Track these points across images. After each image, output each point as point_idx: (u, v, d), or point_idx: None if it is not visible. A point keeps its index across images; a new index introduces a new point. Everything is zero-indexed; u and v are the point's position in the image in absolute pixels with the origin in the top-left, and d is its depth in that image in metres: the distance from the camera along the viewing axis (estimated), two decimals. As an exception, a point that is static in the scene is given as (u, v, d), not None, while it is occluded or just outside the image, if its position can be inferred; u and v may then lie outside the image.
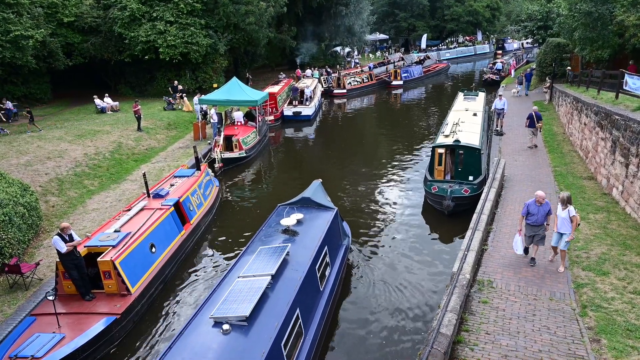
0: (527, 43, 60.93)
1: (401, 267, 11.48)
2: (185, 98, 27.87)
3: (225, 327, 6.63)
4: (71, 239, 9.25)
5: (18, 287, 10.20)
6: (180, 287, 11.02)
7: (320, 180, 12.31)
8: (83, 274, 9.31)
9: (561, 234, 9.18)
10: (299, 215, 10.13)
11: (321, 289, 8.94)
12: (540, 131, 19.60)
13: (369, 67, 45.66)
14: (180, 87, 29.58)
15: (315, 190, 11.45)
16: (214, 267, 11.86)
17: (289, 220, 9.73)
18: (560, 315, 8.05)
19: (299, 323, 7.58)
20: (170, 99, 28.13)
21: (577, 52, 25.42)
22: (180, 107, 27.69)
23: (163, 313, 10.03)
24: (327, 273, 9.43)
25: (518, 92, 31.17)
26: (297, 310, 7.60)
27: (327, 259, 9.57)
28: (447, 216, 13.88)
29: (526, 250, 9.84)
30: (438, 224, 13.90)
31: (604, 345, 7.28)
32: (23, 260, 11.11)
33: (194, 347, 6.45)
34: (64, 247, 9.02)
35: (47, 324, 8.53)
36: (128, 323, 9.20)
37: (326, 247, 9.59)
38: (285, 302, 7.41)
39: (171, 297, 10.59)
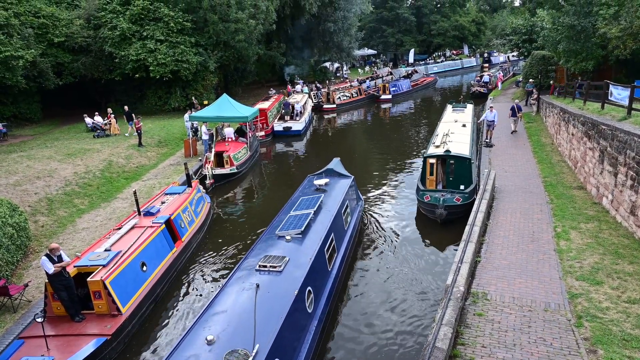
0: (513, 56, 61.98)
1: (395, 276, 11.42)
2: (114, 120, 24.73)
3: (288, 237, 9.75)
4: (60, 259, 9.09)
5: (6, 310, 9.98)
6: (172, 305, 10.85)
7: (339, 158, 16.08)
8: (72, 294, 9.13)
9: None
10: (326, 180, 13.38)
11: (345, 229, 12.08)
12: (521, 120, 24.34)
13: (357, 82, 46.01)
14: (126, 109, 25.51)
15: (336, 164, 15.26)
16: (206, 283, 11.71)
17: (320, 182, 13.17)
18: (556, 326, 8.03)
19: (333, 243, 10.67)
20: (102, 124, 24.68)
21: (562, 64, 25.89)
22: (109, 133, 24.40)
23: (155, 333, 9.84)
24: (349, 220, 12.61)
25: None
26: (332, 234, 10.68)
27: (348, 210, 12.80)
28: (441, 224, 13.99)
29: None
30: (431, 233, 13.96)
31: (600, 356, 7.24)
32: (11, 282, 10.87)
33: (267, 249, 9.39)
34: (51, 268, 8.87)
35: (36, 347, 8.32)
36: (119, 344, 9.01)
37: (347, 202, 12.89)
38: (325, 226, 10.57)
39: (163, 316, 10.41)
